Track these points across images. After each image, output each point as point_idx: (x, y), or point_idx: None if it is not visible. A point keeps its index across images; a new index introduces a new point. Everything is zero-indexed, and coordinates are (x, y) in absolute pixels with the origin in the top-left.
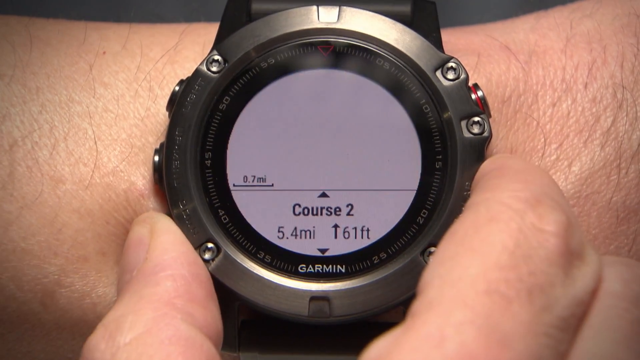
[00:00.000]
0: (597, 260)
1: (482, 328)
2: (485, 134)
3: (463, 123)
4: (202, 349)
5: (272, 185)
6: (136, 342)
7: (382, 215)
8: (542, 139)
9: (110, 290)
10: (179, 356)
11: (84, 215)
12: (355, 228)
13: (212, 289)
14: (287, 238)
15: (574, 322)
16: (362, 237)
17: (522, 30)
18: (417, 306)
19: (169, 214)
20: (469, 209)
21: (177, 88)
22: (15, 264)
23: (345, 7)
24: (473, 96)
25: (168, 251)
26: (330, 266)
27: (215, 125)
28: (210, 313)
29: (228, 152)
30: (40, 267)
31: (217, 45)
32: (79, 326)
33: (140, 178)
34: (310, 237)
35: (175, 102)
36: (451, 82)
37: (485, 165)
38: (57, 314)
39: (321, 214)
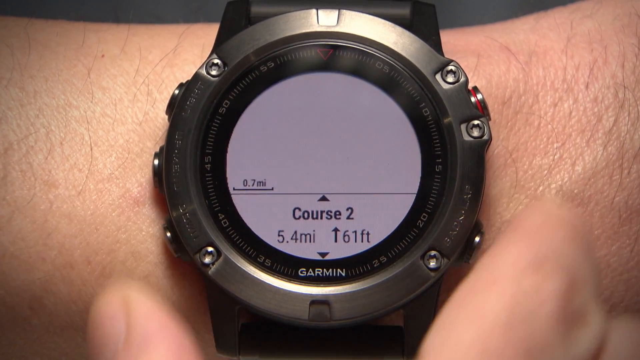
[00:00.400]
0: (601, 320)
1: None
2: (485, 137)
3: (463, 126)
4: None
5: (272, 189)
6: None
7: (382, 218)
8: (544, 139)
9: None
10: None
11: (74, 220)
12: (356, 232)
13: (200, 355)
14: (287, 242)
15: None
16: (362, 241)
17: (522, 31)
18: None
19: (169, 218)
20: (473, 273)
21: (176, 92)
22: (3, 268)
23: (344, 11)
24: (473, 99)
25: (150, 320)
26: (331, 270)
27: (215, 128)
28: None
29: (228, 155)
30: (28, 272)
31: (217, 48)
32: (69, 331)
33: (136, 185)
34: (310, 241)
35: (175, 106)
36: (451, 86)
37: (511, 217)
38: (46, 319)
39: (321, 218)
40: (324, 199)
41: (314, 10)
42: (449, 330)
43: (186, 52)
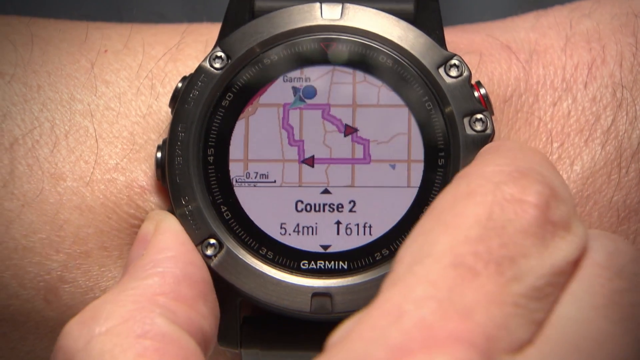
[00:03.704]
0: (583, 231)
1: (443, 301)
2: (488, 131)
3: (466, 120)
4: (180, 345)
5: (275, 181)
6: (111, 332)
7: (384, 211)
8: (543, 139)
9: (113, 284)
10: (155, 352)
11: (85, 211)
12: (358, 224)
13: (205, 291)
14: (290, 234)
15: (551, 291)
16: (364, 234)
17: (523, 29)
18: (384, 284)
19: (171, 211)
20: (452, 184)
21: (179, 84)
22: (17, 261)
23: (348, 4)
24: (476, 94)
25: (166, 250)
26: (333, 262)
27: (218, 121)
28: (196, 313)
29: (231, 148)
30: (42, 264)
31: (220, 41)
32: None
33: (142, 174)
34: (312, 234)
35: (178, 99)
36: (454, 80)
37: (484, 147)
38: (61, 310)
39: (323, 211)
40: (326, 191)
41: (317, 4)
42: (423, 241)
43: (189, 47)
